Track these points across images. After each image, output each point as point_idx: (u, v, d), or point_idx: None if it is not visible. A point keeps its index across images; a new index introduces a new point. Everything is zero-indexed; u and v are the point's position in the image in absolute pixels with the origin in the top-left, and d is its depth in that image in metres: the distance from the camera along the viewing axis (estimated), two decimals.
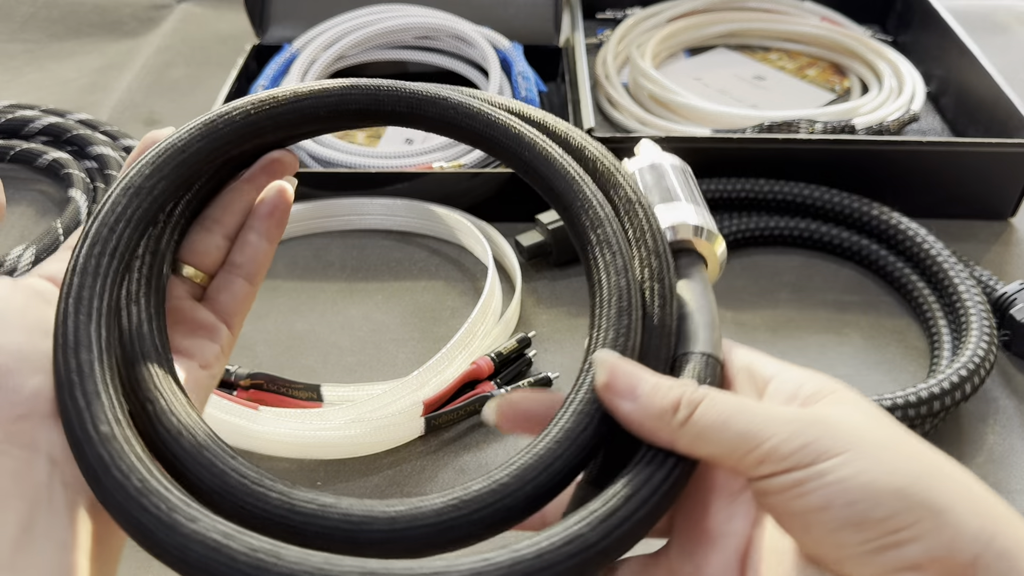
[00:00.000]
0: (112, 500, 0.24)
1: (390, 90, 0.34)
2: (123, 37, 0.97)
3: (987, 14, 1.02)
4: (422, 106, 0.34)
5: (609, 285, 0.31)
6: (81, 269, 0.28)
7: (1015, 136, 0.67)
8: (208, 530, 0.23)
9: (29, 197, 0.72)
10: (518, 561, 0.24)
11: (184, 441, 0.26)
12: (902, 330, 0.60)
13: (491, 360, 0.54)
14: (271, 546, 0.23)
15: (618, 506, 0.25)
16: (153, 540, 0.24)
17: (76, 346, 0.26)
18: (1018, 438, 0.53)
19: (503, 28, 0.83)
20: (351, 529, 0.25)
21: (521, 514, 0.26)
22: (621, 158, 0.36)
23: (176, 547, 0.23)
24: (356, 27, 0.80)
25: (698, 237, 0.33)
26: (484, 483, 0.26)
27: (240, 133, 0.32)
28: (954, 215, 0.69)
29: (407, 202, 0.67)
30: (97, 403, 0.25)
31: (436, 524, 0.25)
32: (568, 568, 0.24)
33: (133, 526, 0.24)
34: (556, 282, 0.64)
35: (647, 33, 0.90)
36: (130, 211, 0.29)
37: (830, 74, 0.88)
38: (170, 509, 0.24)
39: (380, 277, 0.64)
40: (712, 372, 0.29)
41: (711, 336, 0.30)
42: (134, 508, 0.24)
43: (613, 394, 0.27)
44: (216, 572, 0.23)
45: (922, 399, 0.49)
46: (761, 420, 0.25)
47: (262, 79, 0.77)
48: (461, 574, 0.23)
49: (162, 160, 0.30)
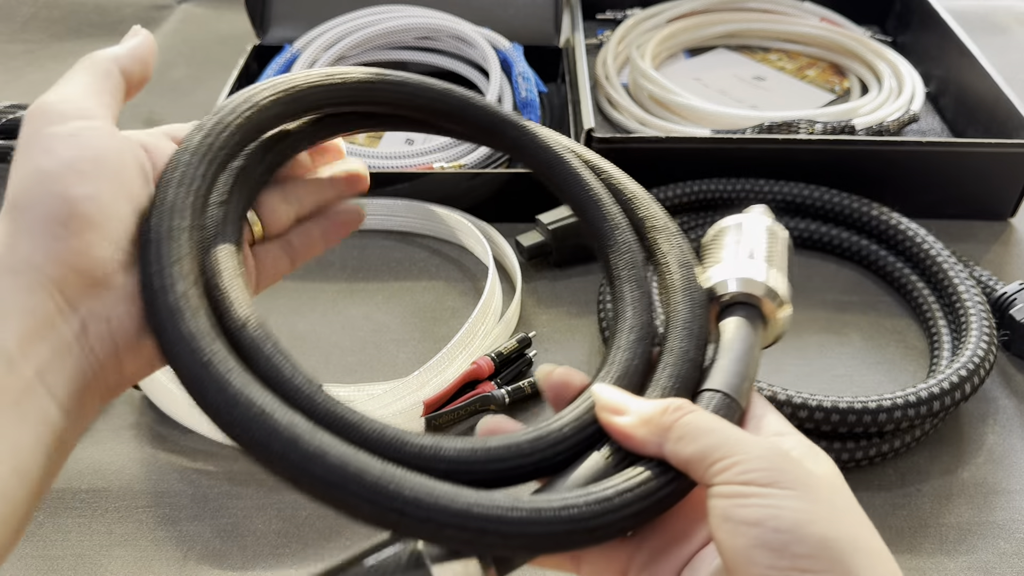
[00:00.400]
0: (175, 350, 0.26)
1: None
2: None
3: (987, 14, 1.02)
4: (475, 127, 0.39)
5: (632, 319, 0.34)
6: (193, 149, 0.31)
7: (1015, 136, 0.67)
8: (257, 398, 0.25)
9: None
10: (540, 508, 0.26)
11: (246, 333, 0.28)
12: (902, 330, 0.60)
13: (491, 360, 0.54)
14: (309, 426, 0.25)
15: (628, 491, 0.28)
16: (205, 395, 0.26)
17: (171, 212, 0.29)
18: (1018, 438, 0.53)
19: (503, 29, 0.83)
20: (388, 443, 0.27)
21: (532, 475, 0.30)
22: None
23: (224, 406, 0.25)
24: (357, 28, 0.80)
25: (765, 297, 0.34)
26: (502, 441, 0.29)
27: (353, 92, 0.35)
28: (954, 215, 0.69)
29: (408, 202, 0.67)
30: (179, 266, 0.28)
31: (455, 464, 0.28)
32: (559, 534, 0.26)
33: (190, 375, 0.26)
34: (556, 282, 0.64)
35: (647, 34, 0.90)
36: (243, 119, 0.32)
37: (830, 74, 0.88)
38: (227, 370, 0.26)
39: (381, 277, 0.65)
40: (729, 412, 0.31)
41: (738, 383, 0.31)
42: (193, 358, 0.26)
43: (608, 412, 0.30)
44: (258, 436, 0.25)
45: (922, 399, 0.49)
46: (736, 439, 0.28)
47: (262, 80, 0.77)
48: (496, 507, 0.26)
49: (280, 93, 0.33)
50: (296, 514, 0.48)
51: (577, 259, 0.65)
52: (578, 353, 0.58)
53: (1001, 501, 0.49)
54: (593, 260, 0.65)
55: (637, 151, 0.66)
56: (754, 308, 0.34)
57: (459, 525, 0.25)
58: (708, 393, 0.31)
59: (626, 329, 0.33)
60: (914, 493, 0.50)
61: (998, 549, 0.47)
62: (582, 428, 0.30)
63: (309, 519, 0.48)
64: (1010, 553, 0.47)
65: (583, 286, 0.64)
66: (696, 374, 0.32)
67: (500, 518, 0.26)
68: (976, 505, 0.49)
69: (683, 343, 0.32)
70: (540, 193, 0.67)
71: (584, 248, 0.64)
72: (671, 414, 0.29)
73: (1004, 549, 0.47)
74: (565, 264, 0.65)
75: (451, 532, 0.26)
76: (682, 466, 0.28)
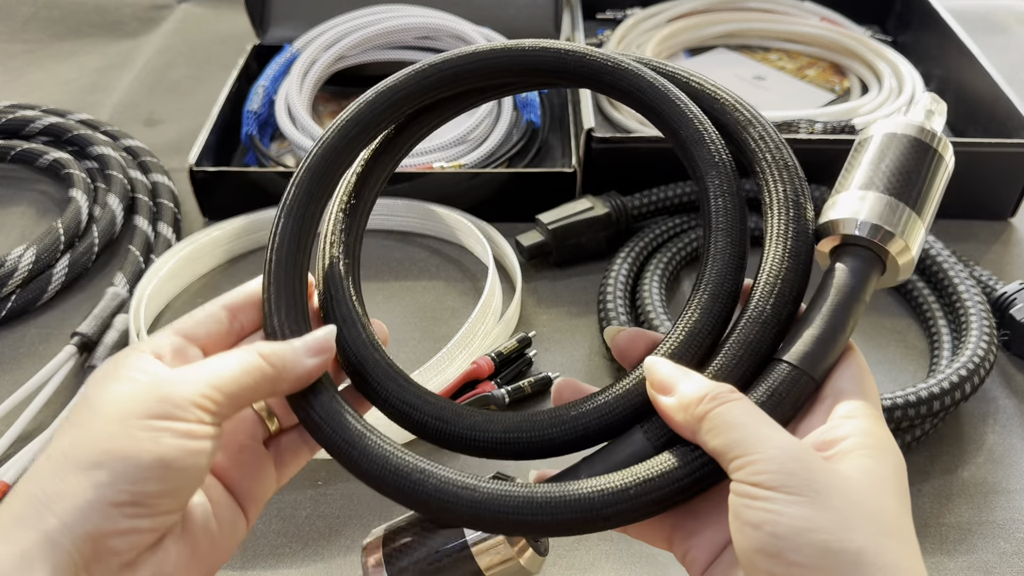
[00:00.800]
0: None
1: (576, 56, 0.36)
2: (124, 37, 0.97)
3: (987, 14, 1.02)
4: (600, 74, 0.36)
5: (708, 278, 0.32)
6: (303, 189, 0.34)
7: (1015, 136, 0.67)
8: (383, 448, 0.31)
9: (30, 197, 0.73)
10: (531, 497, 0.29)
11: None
12: (902, 330, 0.60)
13: (491, 360, 0.54)
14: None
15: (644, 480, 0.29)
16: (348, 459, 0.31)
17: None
18: (1018, 438, 0.53)
19: (503, 28, 0.83)
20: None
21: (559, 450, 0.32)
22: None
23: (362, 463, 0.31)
24: (356, 27, 0.80)
25: (888, 248, 0.31)
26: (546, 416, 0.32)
27: (440, 80, 0.36)
28: (954, 215, 0.69)
29: (407, 202, 0.67)
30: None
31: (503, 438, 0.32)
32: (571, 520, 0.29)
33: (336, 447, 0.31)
34: (556, 282, 0.64)
35: (647, 33, 0.90)
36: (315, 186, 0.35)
37: (830, 74, 0.88)
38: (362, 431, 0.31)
39: (380, 277, 0.65)
40: (793, 387, 0.30)
41: (817, 351, 0.30)
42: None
43: (657, 391, 0.30)
44: (327, 437, 0.31)
45: (922, 399, 0.49)
46: (759, 437, 0.27)
47: (263, 79, 0.77)
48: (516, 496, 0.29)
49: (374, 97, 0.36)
50: (296, 514, 0.48)
51: (577, 259, 0.65)
52: (578, 353, 0.58)
53: (1001, 501, 0.49)
54: (593, 260, 0.65)
55: (637, 151, 0.66)
56: (872, 254, 0.31)
57: (474, 516, 0.29)
58: (777, 364, 0.30)
59: (701, 286, 0.32)
60: (914, 493, 0.50)
61: (998, 549, 0.47)
62: (627, 402, 0.31)
63: (309, 519, 0.48)
64: (1010, 553, 0.47)
65: (583, 286, 0.64)
66: (773, 335, 0.31)
67: (513, 508, 0.29)
68: (976, 505, 0.49)
69: (760, 304, 0.31)
70: (540, 193, 0.67)
71: (584, 248, 0.64)
72: (706, 404, 0.29)
73: (1004, 549, 0.47)
74: (565, 264, 0.65)
75: (470, 520, 0.29)
76: (712, 456, 0.29)
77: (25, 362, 0.58)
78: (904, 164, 0.32)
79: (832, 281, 0.31)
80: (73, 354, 0.56)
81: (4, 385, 0.56)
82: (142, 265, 0.64)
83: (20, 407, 0.53)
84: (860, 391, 0.30)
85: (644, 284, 0.60)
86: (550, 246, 0.64)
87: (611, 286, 0.59)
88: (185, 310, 0.62)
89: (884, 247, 0.31)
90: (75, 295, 0.63)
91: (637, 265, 0.62)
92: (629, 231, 0.66)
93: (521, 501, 0.29)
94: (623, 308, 0.58)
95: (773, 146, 0.34)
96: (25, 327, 0.61)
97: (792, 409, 0.30)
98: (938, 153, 0.33)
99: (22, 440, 0.52)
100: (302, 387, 0.31)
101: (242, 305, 0.34)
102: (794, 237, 0.32)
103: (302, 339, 0.32)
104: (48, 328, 0.61)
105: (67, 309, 0.62)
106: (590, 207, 0.64)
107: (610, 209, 0.64)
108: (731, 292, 0.32)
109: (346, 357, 0.34)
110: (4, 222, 0.70)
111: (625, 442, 0.31)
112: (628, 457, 0.31)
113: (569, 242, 0.64)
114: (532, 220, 0.65)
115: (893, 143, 0.33)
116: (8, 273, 0.60)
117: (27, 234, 0.69)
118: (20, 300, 0.61)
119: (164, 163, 0.75)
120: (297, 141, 0.71)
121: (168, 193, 0.71)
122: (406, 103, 0.36)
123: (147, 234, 0.67)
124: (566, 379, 0.36)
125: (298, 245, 0.34)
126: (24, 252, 0.61)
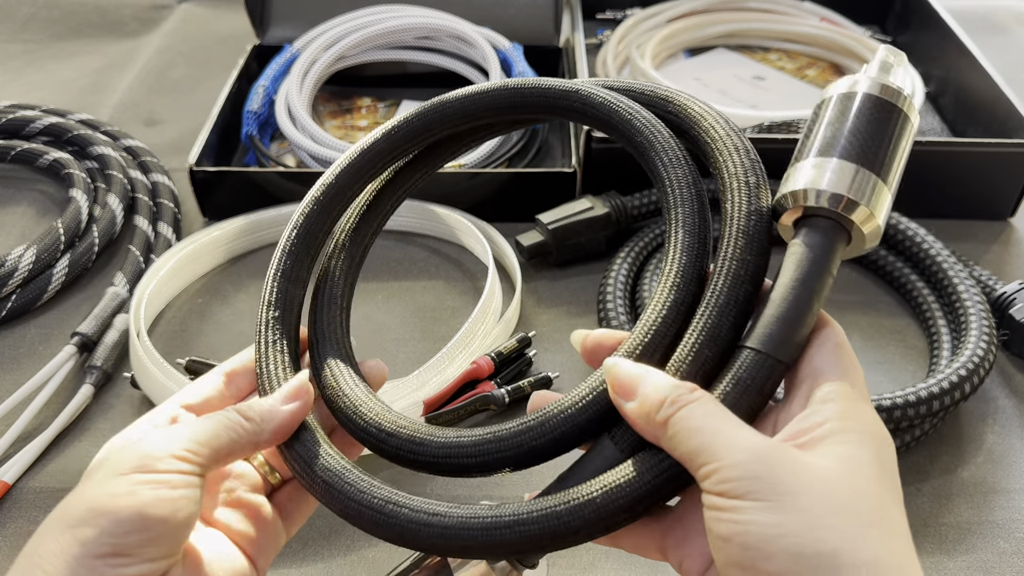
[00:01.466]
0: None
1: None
2: (124, 37, 0.97)
3: (987, 14, 1.02)
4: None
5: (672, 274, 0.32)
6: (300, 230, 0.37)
7: (1015, 136, 0.67)
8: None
9: (30, 197, 0.73)
10: (502, 516, 0.29)
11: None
12: (902, 330, 0.60)
13: (491, 360, 0.54)
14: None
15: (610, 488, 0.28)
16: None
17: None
18: (1017, 438, 0.53)
19: (503, 28, 0.83)
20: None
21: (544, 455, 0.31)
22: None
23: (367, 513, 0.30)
24: (356, 27, 0.80)
25: (851, 217, 0.29)
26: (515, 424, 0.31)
27: (422, 127, 0.38)
28: (954, 215, 0.69)
29: (407, 202, 0.67)
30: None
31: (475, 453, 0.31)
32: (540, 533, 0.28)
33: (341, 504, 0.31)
34: (556, 282, 0.64)
35: (647, 33, 0.90)
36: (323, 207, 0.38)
37: (830, 74, 0.88)
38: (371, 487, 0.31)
39: (380, 277, 0.65)
40: (758, 372, 0.28)
41: (783, 331, 0.28)
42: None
43: (619, 395, 0.29)
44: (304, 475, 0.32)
45: (922, 399, 0.49)
46: (722, 441, 0.26)
47: (263, 79, 0.77)
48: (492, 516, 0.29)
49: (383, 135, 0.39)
50: None
51: (577, 259, 0.65)
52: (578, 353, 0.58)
53: (1001, 501, 0.49)
54: (593, 259, 0.65)
55: None
56: (835, 223, 0.30)
57: (444, 542, 0.29)
58: (743, 352, 0.29)
59: (660, 279, 0.31)
60: (914, 493, 0.50)
61: (998, 549, 0.47)
62: (589, 408, 0.30)
63: (309, 519, 0.48)
64: (1010, 553, 0.47)
65: (583, 286, 0.64)
66: (732, 319, 0.29)
67: (481, 530, 0.29)
68: (976, 505, 0.49)
69: (714, 289, 0.30)
70: (540, 193, 0.67)
71: (584, 248, 0.64)
72: (666, 409, 0.27)
73: (1004, 549, 0.47)
74: (565, 264, 0.65)
75: (442, 547, 0.29)
76: (680, 463, 0.28)
77: (25, 362, 0.58)
78: (866, 127, 0.30)
79: (793, 257, 0.30)
80: (73, 354, 0.56)
81: (4, 385, 0.56)
82: (142, 265, 0.64)
83: (20, 407, 0.53)
84: (838, 370, 0.28)
85: (644, 284, 0.60)
86: (550, 246, 0.64)
87: (611, 286, 0.59)
88: (185, 310, 0.62)
89: (848, 216, 0.29)
90: (75, 295, 0.63)
91: (637, 265, 0.62)
92: (629, 231, 0.66)
93: (488, 523, 0.29)
94: (623, 308, 0.58)
95: (723, 133, 0.33)
96: (25, 327, 0.61)
97: (760, 396, 0.28)
98: (903, 113, 0.30)
99: (22, 440, 0.52)
100: (286, 435, 0.33)
101: (240, 371, 0.36)
102: (745, 216, 0.30)
103: (278, 390, 0.34)
104: (48, 328, 0.61)
105: (67, 309, 0.62)
106: (590, 207, 0.64)
107: (610, 209, 0.64)
108: (692, 280, 0.30)
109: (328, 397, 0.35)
110: (4, 222, 0.70)
111: (595, 451, 0.30)
112: (599, 466, 0.30)
113: (569, 242, 0.64)
114: (532, 220, 0.65)
115: (852, 104, 0.31)
116: (8, 273, 0.60)
117: (27, 234, 0.69)
118: (20, 300, 0.61)
119: (164, 163, 0.75)
120: (297, 141, 0.71)
121: (168, 193, 0.71)
122: (380, 160, 0.39)
123: (147, 234, 0.67)
124: (539, 393, 0.35)
125: (286, 304, 0.36)
126: (24, 252, 0.61)
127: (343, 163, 0.38)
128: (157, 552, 0.28)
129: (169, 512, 0.28)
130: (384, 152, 0.39)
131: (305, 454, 0.32)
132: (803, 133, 0.32)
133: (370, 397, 0.34)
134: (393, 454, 0.32)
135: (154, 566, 0.28)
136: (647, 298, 0.58)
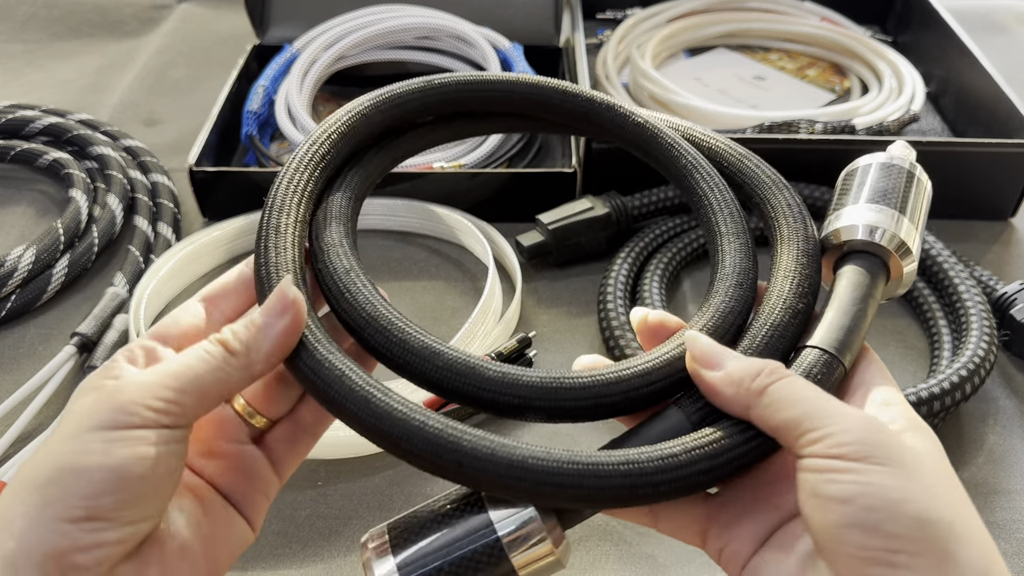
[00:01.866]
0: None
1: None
2: (124, 37, 0.97)
3: (987, 14, 1.02)
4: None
5: (732, 264, 0.33)
6: (299, 160, 0.34)
7: (1015, 136, 0.67)
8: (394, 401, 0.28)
9: (29, 197, 0.73)
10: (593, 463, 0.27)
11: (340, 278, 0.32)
12: (902, 330, 0.60)
13: (491, 360, 0.54)
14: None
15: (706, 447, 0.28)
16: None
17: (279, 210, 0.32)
18: (1018, 438, 0.53)
19: (503, 28, 0.83)
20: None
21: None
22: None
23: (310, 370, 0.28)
24: (356, 27, 0.80)
25: (887, 245, 0.33)
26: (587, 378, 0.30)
27: (442, 98, 0.38)
28: (954, 215, 0.69)
29: (407, 202, 0.67)
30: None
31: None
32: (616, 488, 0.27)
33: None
34: (556, 282, 0.64)
35: (647, 33, 0.90)
36: (346, 127, 0.35)
37: (830, 74, 0.88)
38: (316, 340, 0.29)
39: (380, 277, 0.64)
40: (826, 370, 0.29)
41: (842, 338, 0.30)
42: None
43: (700, 365, 0.29)
44: (335, 396, 0.28)
45: (922, 399, 0.49)
46: (831, 410, 0.26)
47: (263, 79, 0.77)
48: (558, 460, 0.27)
49: (380, 99, 0.37)
50: (296, 514, 0.48)
51: (577, 259, 0.65)
52: (578, 353, 0.58)
53: (1001, 501, 0.49)
54: (593, 260, 0.65)
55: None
56: (875, 258, 0.33)
57: (516, 476, 0.26)
58: (808, 350, 0.30)
59: (725, 276, 0.33)
60: None
61: (999, 549, 0.47)
62: (669, 370, 0.30)
63: (309, 519, 0.48)
64: (1010, 553, 0.47)
65: (583, 286, 0.64)
66: (797, 324, 0.31)
67: (557, 471, 0.26)
68: (977, 505, 0.48)
69: (782, 293, 0.32)
70: (540, 193, 0.67)
71: (584, 248, 0.64)
72: (763, 378, 0.27)
73: (1004, 549, 0.47)
74: (565, 264, 0.65)
75: (509, 482, 0.27)
76: (771, 432, 0.27)
77: (25, 362, 0.58)
78: (887, 182, 0.35)
79: (847, 280, 0.32)
80: (73, 354, 0.56)
81: (4, 385, 0.56)
82: (142, 265, 0.64)
83: (20, 407, 0.53)
84: (889, 383, 0.29)
85: (644, 284, 0.60)
86: (550, 246, 0.64)
87: (611, 286, 0.59)
88: None
89: (887, 247, 0.33)
90: (75, 295, 0.63)
91: (637, 265, 0.62)
92: (629, 231, 0.65)
93: (564, 464, 0.26)
94: (623, 308, 0.58)
95: (768, 171, 0.37)
96: (25, 327, 0.61)
97: (829, 392, 0.29)
98: (915, 176, 0.35)
99: (22, 440, 0.52)
100: (283, 358, 0.29)
101: (220, 293, 0.32)
102: (803, 239, 0.34)
103: (261, 308, 0.29)
104: (48, 328, 0.61)
105: (67, 309, 0.62)
106: (590, 207, 0.64)
107: (610, 209, 0.64)
108: (752, 284, 0.33)
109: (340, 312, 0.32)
110: (4, 222, 0.70)
111: (659, 419, 0.30)
112: (663, 432, 0.29)
113: (569, 242, 0.64)
114: (532, 220, 0.65)
115: (871, 170, 0.36)
116: (8, 273, 0.60)
117: (27, 234, 0.69)
118: (20, 300, 0.61)
119: (164, 163, 0.75)
120: (297, 141, 0.71)
121: (168, 193, 0.71)
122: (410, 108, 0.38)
123: (147, 234, 0.67)
124: (588, 356, 0.33)
125: (294, 205, 0.33)
126: (24, 252, 0.61)
127: (407, 86, 0.38)
128: (136, 514, 0.26)
129: (148, 470, 0.26)
130: (419, 107, 0.38)
131: (325, 375, 0.28)
132: (836, 192, 0.36)
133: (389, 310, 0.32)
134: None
135: (135, 529, 0.26)
136: (647, 298, 0.58)
